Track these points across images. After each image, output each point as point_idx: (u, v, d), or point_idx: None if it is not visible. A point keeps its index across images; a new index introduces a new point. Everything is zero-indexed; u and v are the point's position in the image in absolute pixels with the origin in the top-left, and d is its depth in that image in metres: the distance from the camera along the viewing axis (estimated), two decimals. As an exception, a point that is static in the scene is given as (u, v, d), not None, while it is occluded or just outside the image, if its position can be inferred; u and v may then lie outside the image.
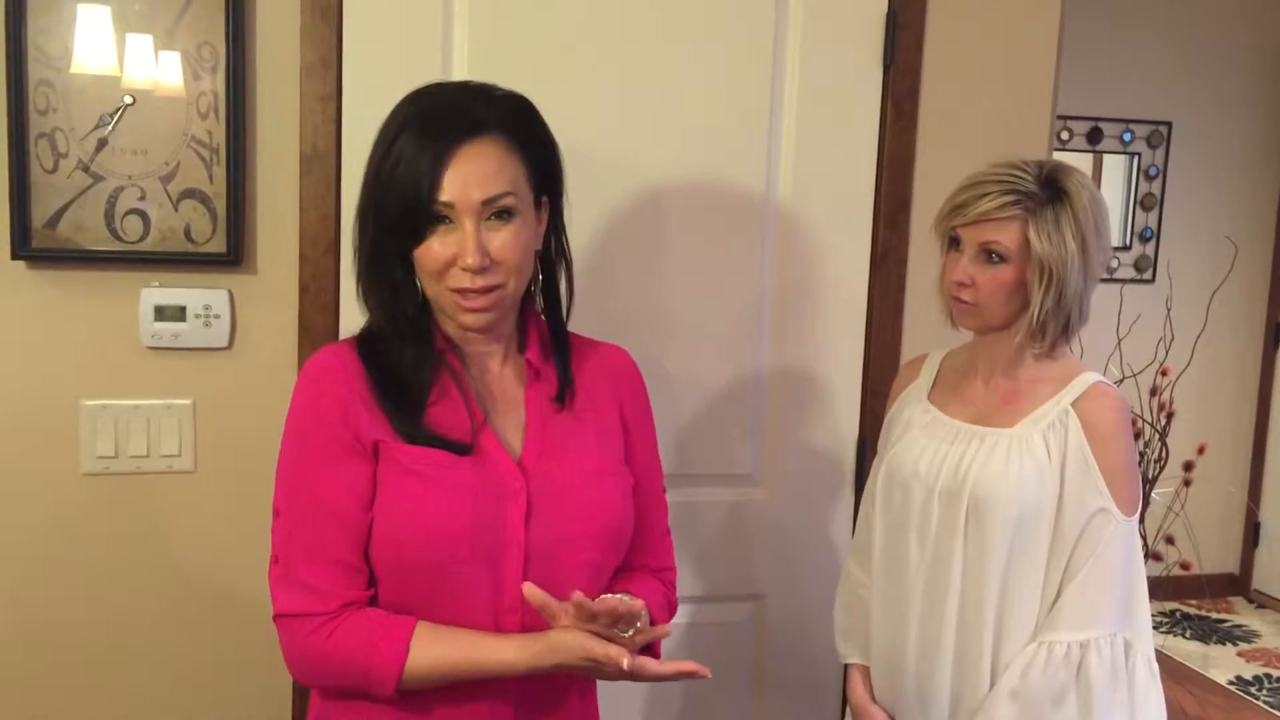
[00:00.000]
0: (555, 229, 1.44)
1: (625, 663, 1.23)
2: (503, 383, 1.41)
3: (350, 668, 1.28)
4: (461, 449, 1.32)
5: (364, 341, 1.37)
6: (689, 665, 1.29)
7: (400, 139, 1.28)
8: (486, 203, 1.28)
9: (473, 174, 1.27)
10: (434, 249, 1.28)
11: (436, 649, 1.27)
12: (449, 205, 1.27)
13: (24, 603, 1.89)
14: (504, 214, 1.30)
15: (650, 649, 1.37)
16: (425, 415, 1.33)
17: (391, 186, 1.28)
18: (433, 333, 1.37)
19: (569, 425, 1.41)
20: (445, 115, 1.30)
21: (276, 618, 1.31)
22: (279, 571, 1.31)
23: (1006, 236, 1.53)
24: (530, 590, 1.25)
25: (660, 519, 1.57)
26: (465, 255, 1.27)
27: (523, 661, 1.27)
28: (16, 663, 1.90)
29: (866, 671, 1.76)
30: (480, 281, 1.28)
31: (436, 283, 1.31)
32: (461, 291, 1.29)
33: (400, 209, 1.27)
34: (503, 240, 1.29)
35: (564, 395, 1.42)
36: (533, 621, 1.30)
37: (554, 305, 1.46)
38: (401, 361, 1.34)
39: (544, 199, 1.39)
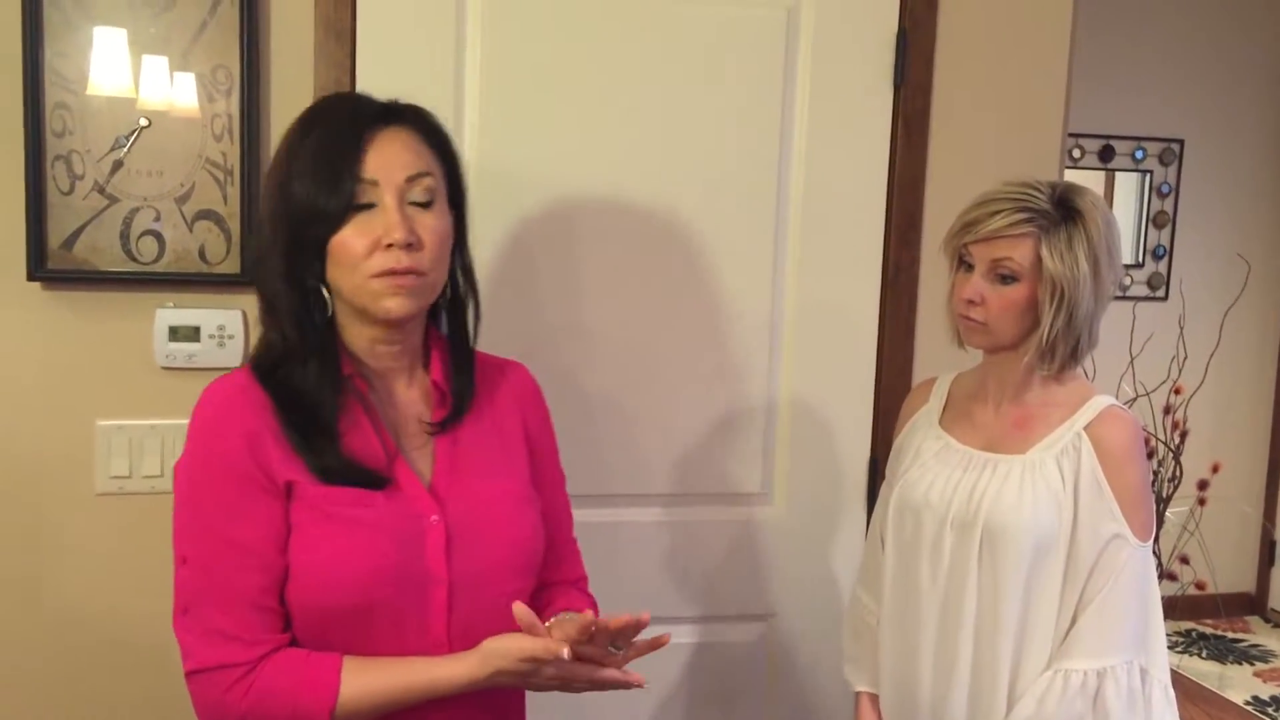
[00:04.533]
0: (460, 245, 1.41)
1: (565, 652, 1.18)
2: (411, 406, 1.38)
3: (279, 714, 1.22)
4: (377, 483, 1.28)
5: (263, 369, 1.30)
6: (631, 675, 1.25)
7: (314, 134, 1.27)
8: (410, 179, 1.27)
9: (394, 153, 1.28)
10: (352, 237, 1.25)
11: (367, 677, 1.23)
12: (373, 183, 1.25)
13: (38, 622, 1.90)
14: (425, 201, 1.29)
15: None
16: (339, 448, 1.28)
17: (309, 175, 1.25)
18: (339, 353, 1.32)
19: (477, 446, 1.39)
20: (357, 109, 1.30)
21: (191, 675, 1.24)
22: (189, 623, 1.24)
23: (1019, 254, 1.52)
24: (519, 610, 1.21)
25: (568, 531, 1.54)
26: (392, 230, 1.24)
27: (460, 674, 1.23)
28: (32, 681, 1.91)
29: (876, 700, 1.75)
30: (406, 261, 1.25)
31: (357, 272, 1.26)
32: (386, 274, 1.25)
33: (319, 196, 1.24)
34: (426, 223, 1.28)
35: (460, 413, 1.38)
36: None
37: (459, 322, 1.43)
38: (307, 384, 1.28)
39: (452, 210, 1.37)
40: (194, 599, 1.25)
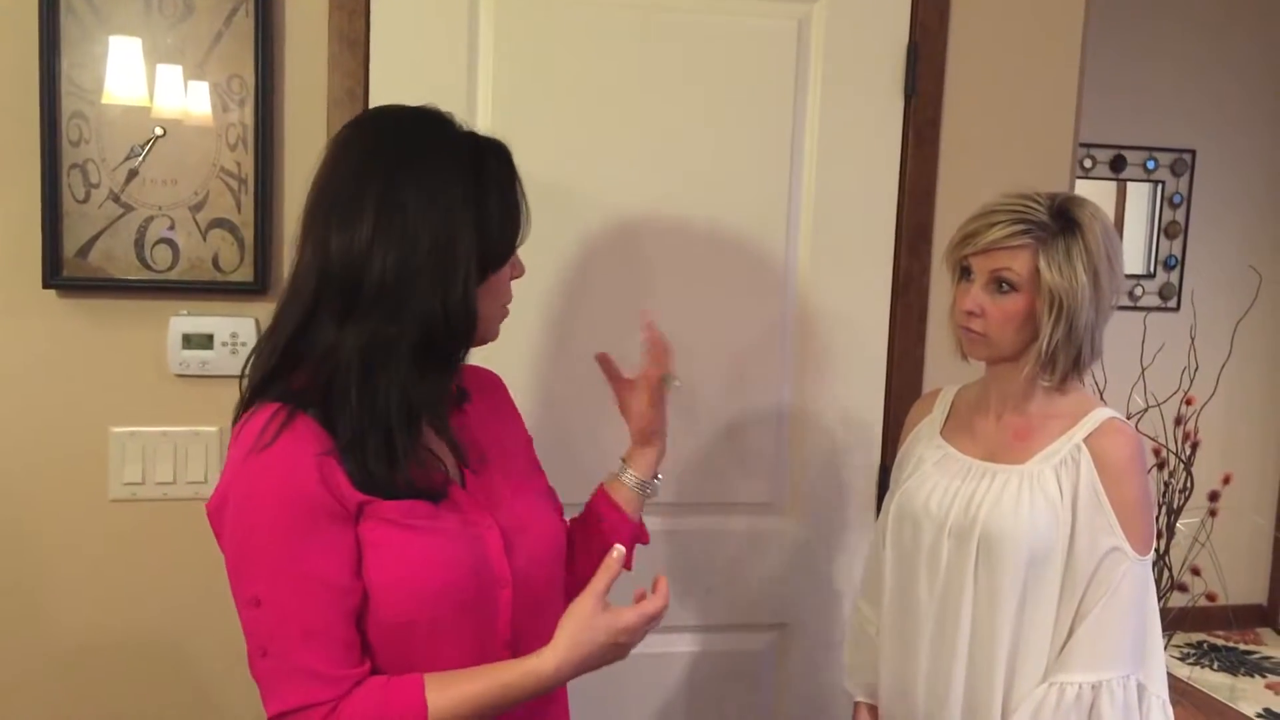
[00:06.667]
0: None
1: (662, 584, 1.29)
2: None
3: None
4: (440, 495, 1.29)
5: (304, 401, 1.24)
6: (654, 603, 1.29)
7: (489, 166, 1.33)
8: None
9: None
10: (507, 271, 1.36)
11: (453, 689, 1.22)
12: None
13: (51, 627, 1.91)
14: None
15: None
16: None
17: (512, 221, 1.34)
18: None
19: (489, 445, 1.41)
20: (504, 151, 1.37)
21: (276, 717, 1.21)
22: (271, 666, 1.21)
23: (1017, 264, 1.53)
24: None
25: None
26: (519, 265, 1.38)
27: (548, 664, 1.23)
28: (43, 685, 1.92)
29: (874, 710, 1.76)
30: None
31: (501, 301, 1.37)
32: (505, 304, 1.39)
33: (516, 229, 1.35)
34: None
35: (464, 395, 1.44)
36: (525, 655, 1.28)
37: None
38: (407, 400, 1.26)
39: None
40: (272, 639, 1.21)
